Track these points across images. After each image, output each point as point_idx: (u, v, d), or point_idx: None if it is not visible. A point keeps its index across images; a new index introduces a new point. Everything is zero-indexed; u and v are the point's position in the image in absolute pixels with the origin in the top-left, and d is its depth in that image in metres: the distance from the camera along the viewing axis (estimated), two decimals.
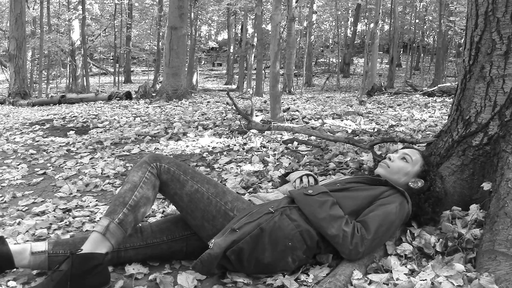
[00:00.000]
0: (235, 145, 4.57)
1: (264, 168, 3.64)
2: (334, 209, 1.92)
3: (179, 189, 2.01)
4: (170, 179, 2.01)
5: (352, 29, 30.21)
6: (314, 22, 23.41)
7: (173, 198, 2.04)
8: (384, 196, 2.05)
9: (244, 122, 5.46)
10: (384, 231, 1.92)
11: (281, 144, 4.38)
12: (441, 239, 2.02)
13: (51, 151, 4.87)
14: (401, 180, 2.22)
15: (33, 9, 21.27)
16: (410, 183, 2.21)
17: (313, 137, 4.49)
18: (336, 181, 2.24)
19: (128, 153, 4.57)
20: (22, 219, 2.79)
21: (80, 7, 18.29)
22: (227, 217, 1.98)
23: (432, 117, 6.24)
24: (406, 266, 1.87)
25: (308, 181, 2.19)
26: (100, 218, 2.00)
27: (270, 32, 9.18)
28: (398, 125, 5.42)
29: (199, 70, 24.30)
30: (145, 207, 1.93)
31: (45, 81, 17.63)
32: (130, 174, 1.98)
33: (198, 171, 2.08)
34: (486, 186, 2.21)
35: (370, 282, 1.77)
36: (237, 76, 22.91)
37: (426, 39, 29.66)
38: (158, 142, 5.00)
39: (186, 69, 13.33)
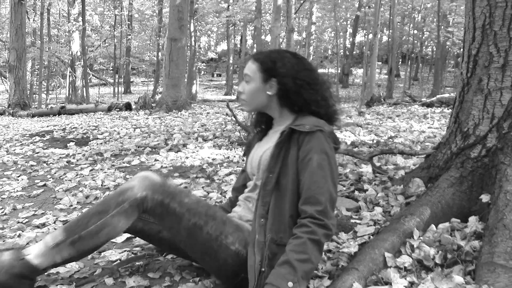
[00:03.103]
0: (234, 156, 4.59)
1: None
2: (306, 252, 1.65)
3: (176, 223, 1.83)
4: (165, 213, 1.83)
5: (351, 39, 30.34)
6: (313, 32, 23.55)
7: (170, 231, 1.90)
8: (301, 152, 1.81)
9: (243, 133, 5.47)
10: (331, 187, 1.75)
11: None
12: (440, 251, 2.02)
13: (51, 163, 4.88)
14: (261, 99, 1.96)
15: (33, 20, 21.37)
16: (268, 92, 1.95)
17: None
18: (259, 185, 1.92)
19: (128, 165, 4.58)
20: (23, 231, 2.79)
21: (80, 18, 18.39)
22: (229, 251, 1.83)
23: (431, 128, 6.26)
24: (405, 279, 1.88)
25: None
26: (59, 228, 1.91)
27: (269, 43, 9.26)
28: (397, 136, 5.44)
29: (199, 81, 24.38)
30: (107, 237, 1.82)
31: (45, 92, 17.67)
32: (111, 193, 1.87)
33: (195, 198, 1.91)
34: (485, 198, 2.22)
35: None
36: (237, 87, 22.94)
37: (424, 50, 29.79)
38: (158, 154, 5.02)
39: (185, 80, 13.37)
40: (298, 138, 1.81)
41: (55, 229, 2.79)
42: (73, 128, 7.78)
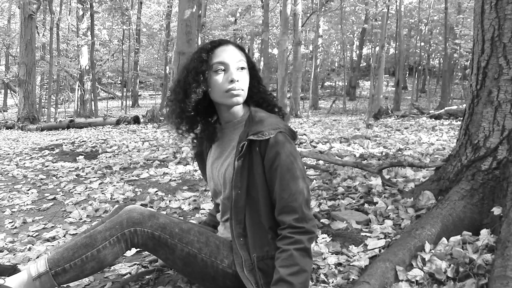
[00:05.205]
0: None
1: None
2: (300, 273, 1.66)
3: (170, 254, 1.82)
4: (158, 245, 1.81)
5: (357, 52, 30.41)
6: (320, 45, 23.63)
7: (166, 262, 1.88)
8: (266, 161, 1.75)
9: None
10: (303, 187, 1.73)
11: None
12: (452, 265, 2.00)
13: (60, 176, 4.90)
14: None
15: (43, 35, 21.62)
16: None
17: (321, 161, 4.49)
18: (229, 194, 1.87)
19: (137, 178, 4.59)
20: (33, 245, 2.80)
21: (89, 33, 18.59)
22: (226, 275, 1.83)
23: (439, 140, 6.24)
24: None
25: None
26: (42, 256, 1.84)
27: (276, 56, 9.30)
28: (406, 149, 5.42)
29: None
30: (91, 271, 1.79)
31: (54, 106, 17.81)
32: (99, 227, 1.83)
33: (185, 226, 1.87)
34: (496, 210, 2.20)
35: None
36: None
37: (431, 62, 29.78)
38: (167, 167, 5.02)
39: None
40: (260, 146, 1.74)
41: (65, 242, 2.79)
42: (82, 141, 7.82)
